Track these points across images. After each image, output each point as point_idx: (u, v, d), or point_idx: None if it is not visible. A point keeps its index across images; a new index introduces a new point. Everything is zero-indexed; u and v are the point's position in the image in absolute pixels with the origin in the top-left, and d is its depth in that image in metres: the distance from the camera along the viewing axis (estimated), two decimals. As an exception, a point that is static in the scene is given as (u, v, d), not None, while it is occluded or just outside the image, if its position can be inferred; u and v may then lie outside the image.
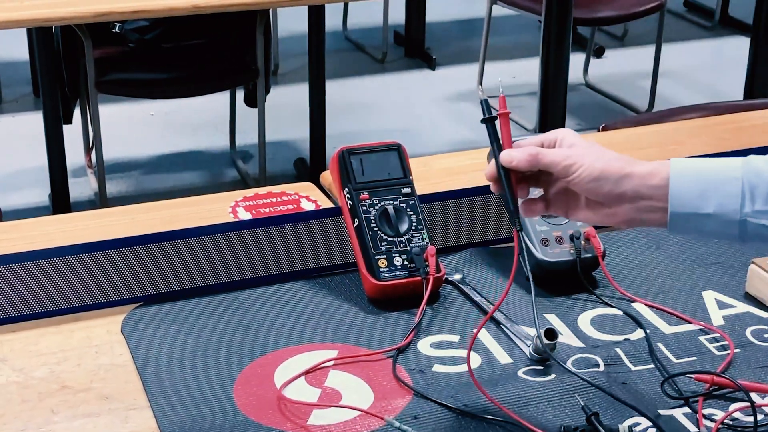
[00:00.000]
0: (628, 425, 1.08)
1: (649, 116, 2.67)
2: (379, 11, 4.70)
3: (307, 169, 3.64)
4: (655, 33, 4.16)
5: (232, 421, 1.10)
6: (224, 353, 1.22)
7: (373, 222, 1.33)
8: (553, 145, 1.12)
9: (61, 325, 1.27)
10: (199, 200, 1.60)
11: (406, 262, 1.31)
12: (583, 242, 1.36)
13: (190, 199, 1.61)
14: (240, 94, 3.62)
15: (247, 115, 3.60)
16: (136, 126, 4.01)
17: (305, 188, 1.62)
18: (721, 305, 1.33)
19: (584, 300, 1.34)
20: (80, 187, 3.52)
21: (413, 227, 1.34)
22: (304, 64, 3.58)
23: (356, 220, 1.33)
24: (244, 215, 1.53)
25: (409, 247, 1.32)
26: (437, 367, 1.20)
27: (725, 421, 1.11)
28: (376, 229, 1.33)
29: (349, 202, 1.34)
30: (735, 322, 1.29)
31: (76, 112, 3.38)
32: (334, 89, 4.12)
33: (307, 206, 1.56)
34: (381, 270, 1.30)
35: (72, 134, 3.41)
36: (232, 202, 1.57)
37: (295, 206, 1.56)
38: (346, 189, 1.34)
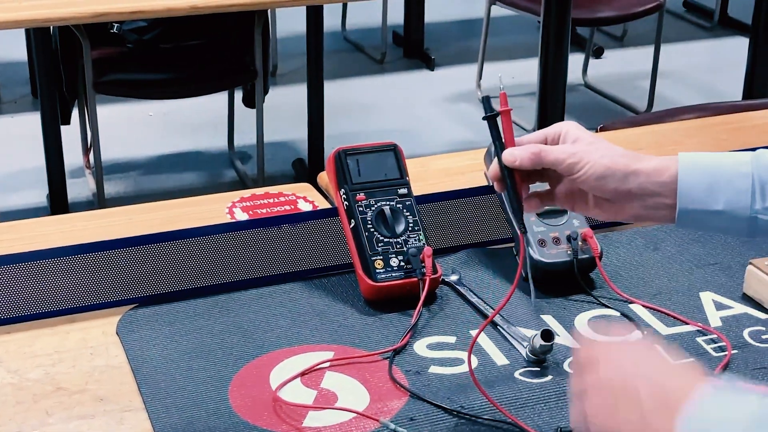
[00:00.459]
0: (625, 427, 1.08)
1: (648, 116, 2.66)
2: (378, 11, 4.70)
3: (306, 170, 3.64)
4: (654, 33, 4.16)
5: (228, 423, 1.10)
6: (220, 355, 1.21)
7: (370, 223, 1.32)
8: (557, 140, 1.10)
9: (56, 327, 1.27)
10: (196, 201, 1.60)
11: (402, 263, 1.31)
12: (580, 243, 1.35)
13: (187, 200, 1.60)
14: (238, 95, 3.61)
15: (245, 116, 3.60)
16: (134, 126, 4.00)
17: (302, 189, 1.62)
18: (719, 306, 1.32)
19: (581, 301, 1.33)
20: (78, 188, 3.51)
21: (410, 228, 1.33)
22: (303, 65, 3.58)
23: (353, 220, 1.33)
24: (241, 216, 1.53)
25: (405, 248, 1.32)
26: (433, 369, 1.20)
27: (722, 422, 1.11)
28: (372, 230, 1.32)
29: (346, 202, 1.34)
30: (732, 324, 1.29)
31: (75, 113, 3.38)
32: (333, 90, 4.12)
33: (304, 207, 1.56)
34: (377, 271, 1.30)
35: (71, 135, 3.41)
36: (229, 203, 1.57)
37: (292, 207, 1.56)
38: (343, 190, 1.34)
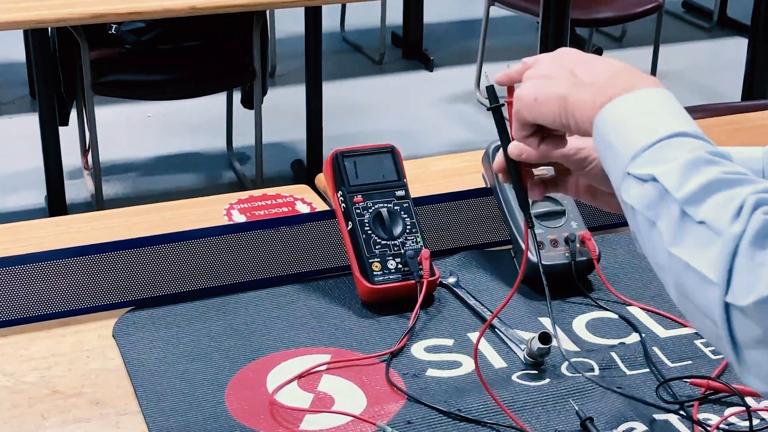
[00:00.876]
0: (623, 430, 1.08)
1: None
2: (377, 12, 4.70)
3: (304, 171, 3.63)
4: (653, 34, 4.16)
5: (224, 427, 1.09)
6: (216, 358, 1.21)
7: (367, 225, 1.32)
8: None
9: (52, 330, 1.26)
10: (194, 203, 1.60)
11: (400, 266, 1.31)
12: (578, 245, 1.35)
13: (185, 201, 1.60)
14: (237, 96, 3.61)
15: (244, 117, 3.59)
16: (133, 128, 4.00)
17: (300, 191, 1.61)
18: (717, 308, 1.32)
19: (579, 303, 1.33)
20: (77, 189, 3.51)
21: (407, 230, 1.33)
22: (302, 66, 3.58)
23: (350, 223, 1.32)
24: (239, 218, 1.53)
25: (403, 251, 1.31)
26: (431, 372, 1.19)
27: (721, 425, 1.11)
28: (369, 233, 1.32)
29: (343, 205, 1.33)
30: (731, 326, 1.28)
31: (73, 114, 3.38)
32: (332, 90, 4.12)
33: (302, 209, 1.56)
34: (375, 273, 1.30)
35: (69, 136, 3.41)
36: (227, 205, 1.56)
37: (290, 209, 1.55)
38: (340, 192, 1.34)
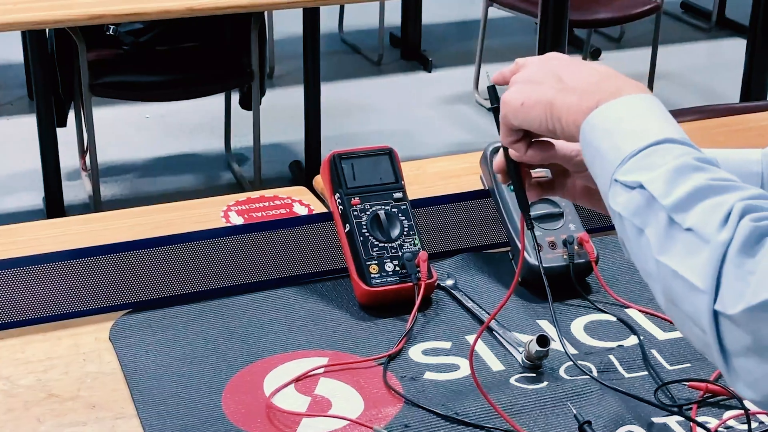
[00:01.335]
0: (621, 433, 1.07)
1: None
2: (375, 13, 4.69)
3: (303, 172, 3.63)
4: (652, 35, 4.16)
5: (220, 430, 1.09)
6: (213, 361, 1.20)
7: (365, 227, 1.32)
8: None
9: (48, 333, 1.26)
10: (191, 204, 1.59)
11: (397, 268, 1.30)
12: (576, 247, 1.34)
13: (182, 203, 1.60)
14: (235, 97, 3.61)
15: (242, 118, 3.59)
16: (131, 129, 4.00)
17: (298, 192, 1.61)
18: (716, 311, 1.31)
19: (577, 306, 1.32)
20: (75, 190, 3.51)
21: (405, 232, 1.33)
22: (300, 67, 3.58)
23: (347, 225, 1.32)
24: (237, 219, 1.52)
25: (400, 253, 1.31)
26: (428, 375, 1.19)
27: (719, 428, 1.10)
28: (367, 235, 1.31)
29: (340, 207, 1.33)
30: (729, 328, 1.28)
31: (71, 115, 3.37)
32: (330, 91, 4.11)
33: (300, 210, 1.55)
34: (372, 276, 1.29)
35: (68, 137, 3.40)
36: (225, 207, 1.56)
37: (288, 210, 1.55)
38: (337, 194, 1.33)
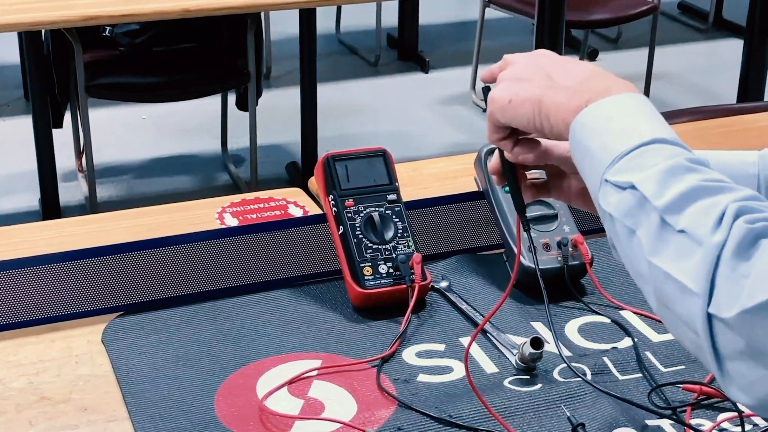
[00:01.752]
0: (615, 436, 1.07)
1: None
2: (373, 14, 4.69)
3: (299, 173, 3.62)
4: (649, 35, 4.16)
5: (213, 433, 1.09)
6: (206, 363, 1.20)
7: (359, 229, 1.31)
8: None
9: (40, 335, 1.25)
10: (186, 206, 1.59)
11: (391, 270, 1.30)
12: (570, 249, 1.34)
13: (177, 205, 1.59)
14: (232, 98, 3.60)
15: (239, 119, 3.59)
16: (127, 130, 3.99)
17: (293, 194, 1.61)
18: (711, 313, 1.31)
19: (572, 308, 1.32)
20: (71, 192, 3.50)
21: (399, 234, 1.32)
22: (297, 68, 3.57)
23: (341, 227, 1.31)
24: (231, 221, 1.52)
25: (394, 255, 1.31)
26: (422, 377, 1.19)
27: (713, 431, 1.10)
28: (361, 237, 1.31)
29: (334, 209, 1.32)
30: (724, 330, 1.27)
31: (67, 116, 3.37)
32: (327, 92, 4.11)
33: (295, 212, 1.55)
34: (366, 278, 1.29)
35: (64, 138, 3.40)
36: (219, 208, 1.56)
37: (283, 212, 1.55)
38: (331, 196, 1.33)
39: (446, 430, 1.10)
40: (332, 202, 1.33)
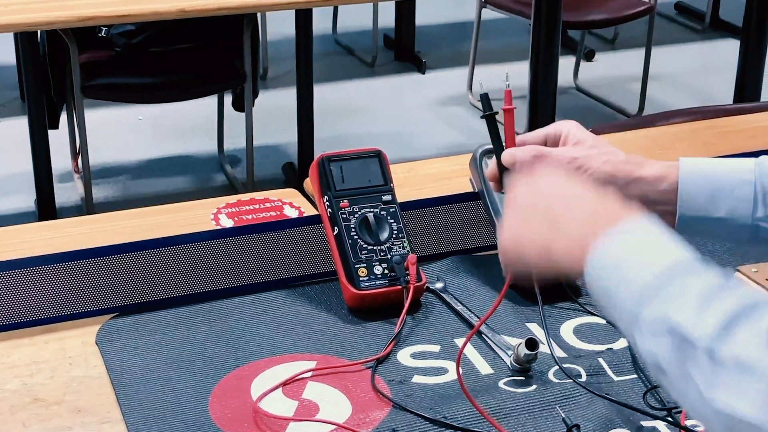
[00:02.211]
0: (610, 437, 1.07)
1: (639, 120, 2.66)
2: (369, 15, 4.69)
3: (296, 174, 3.62)
4: (646, 36, 4.15)
5: (207, 435, 1.09)
6: (200, 365, 1.20)
7: (353, 230, 1.31)
8: (558, 142, 1.08)
9: (34, 336, 1.25)
10: (181, 207, 1.58)
11: (386, 271, 1.29)
12: (566, 250, 1.34)
13: (172, 206, 1.59)
14: (228, 99, 3.60)
15: (235, 120, 3.58)
16: (123, 131, 3.99)
17: (289, 195, 1.61)
18: (706, 314, 1.31)
19: (567, 309, 1.32)
20: (67, 193, 3.50)
21: (394, 235, 1.32)
22: (293, 68, 3.57)
23: (336, 228, 1.31)
24: (227, 222, 1.52)
25: (389, 256, 1.30)
26: (417, 378, 1.18)
27: (708, 432, 1.10)
28: (356, 238, 1.31)
29: (329, 210, 1.32)
30: (719, 331, 1.27)
31: (63, 117, 3.36)
32: (324, 93, 4.11)
33: (291, 213, 1.55)
34: (361, 279, 1.29)
35: (60, 139, 3.39)
36: (215, 209, 1.55)
37: (278, 213, 1.54)
38: (326, 197, 1.33)
39: (441, 432, 1.10)
40: (327, 203, 1.32)
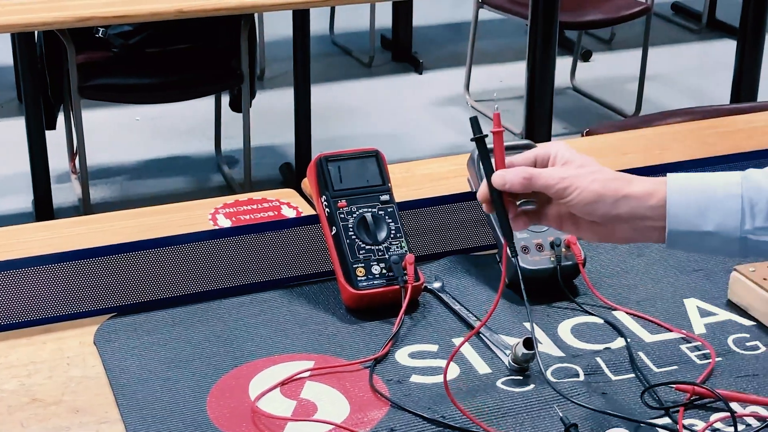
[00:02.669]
0: (608, 436, 1.07)
1: (636, 120, 2.66)
2: (366, 15, 4.69)
3: (293, 174, 3.62)
4: (642, 36, 4.16)
5: (205, 435, 1.09)
6: (198, 364, 1.20)
7: (351, 230, 1.31)
8: (547, 162, 1.09)
9: (32, 337, 1.25)
10: (179, 207, 1.58)
11: (384, 271, 1.30)
12: (563, 249, 1.34)
13: (170, 206, 1.59)
14: (225, 99, 3.60)
15: (232, 120, 3.58)
16: (121, 131, 3.99)
17: (286, 195, 1.61)
18: (703, 313, 1.31)
19: (564, 308, 1.32)
20: (64, 193, 3.49)
21: (391, 235, 1.32)
22: (290, 69, 3.57)
23: (334, 228, 1.31)
24: (224, 222, 1.52)
25: (387, 255, 1.31)
26: (415, 378, 1.18)
27: (706, 431, 1.10)
28: (354, 237, 1.31)
29: (327, 209, 1.32)
30: (717, 330, 1.28)
31: (60, 118, 3.36)
32: (321, 93, 4.11)
33: (288, 213, 1.55)
34: (359, 279, 1.29)
35: (57, 140, 3.39)
36: (212, 209, 1.55)
37: (276, 213, 1.54)
38: (324, 196, 1.33)
39: (439, 431, 1.09)
40: (325, 203, 1.32)
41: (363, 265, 1.30)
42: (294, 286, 1.35)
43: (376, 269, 1.30)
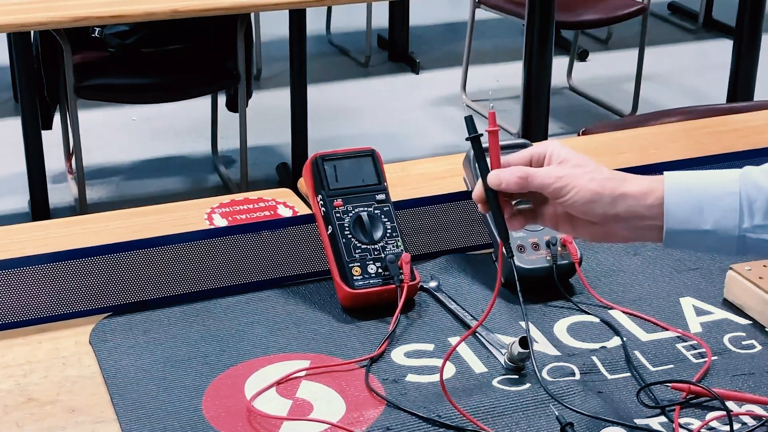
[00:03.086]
0: (603, 435, 1.07)
1: (632, 119, 2.66)
2: (363, 15, 4.69)
3: (290, 174, 3.62)
4: (639, 36, 4.16)
5: (201, 434, 1.08)
6: (194, 364, 1.20)
7: (347, 229, 1.31)
8: (542, 161, 1.09)
9: (28, 336, 1.25)
10: (175, 207, 1.58)
11: (380, 270, 1.30)
12: (559, 248, 1.34)
13: (166, 206, 1.59)
14: (222, 99, 3.60)
15: (229, 120, 3.58)
16: (117, 131, 3.99)
17: (282, 194, 1.61)
18: (699, 312, 1.31)
19: (560, 307, 1.32)
20: (61, 194, 3.49)
21: (388, 234, 1.32)
22: (287, 69, 3.57)
23: (330, 227, 1.31)
24: (220, 222, 1.52)
25: (383, 255, 1.30)
26: (411, 377, 1.18)
27: (702, 430, 1.10)
28: (350, 237, 1.31)
29: (323, 209, 1.32)
30: (713, 329, 1.28)
31: (57, 118, 3.36)
32: (318, 93, 4.11)
33: (285, 212, 1.55)
34: (355, 278, 1.29)
35: (53, 140, 3.39)
36: (208, 209, 1.55)
37: (272, 212, 1.54)
38: (320, 196, 1.33)
39: (435, 430, 1.09)
40: (321, 202, 1.32)
41: (359, 264, 1.29)
42: (290, 285, 1.35)
43: (372, 268, 1.30)
